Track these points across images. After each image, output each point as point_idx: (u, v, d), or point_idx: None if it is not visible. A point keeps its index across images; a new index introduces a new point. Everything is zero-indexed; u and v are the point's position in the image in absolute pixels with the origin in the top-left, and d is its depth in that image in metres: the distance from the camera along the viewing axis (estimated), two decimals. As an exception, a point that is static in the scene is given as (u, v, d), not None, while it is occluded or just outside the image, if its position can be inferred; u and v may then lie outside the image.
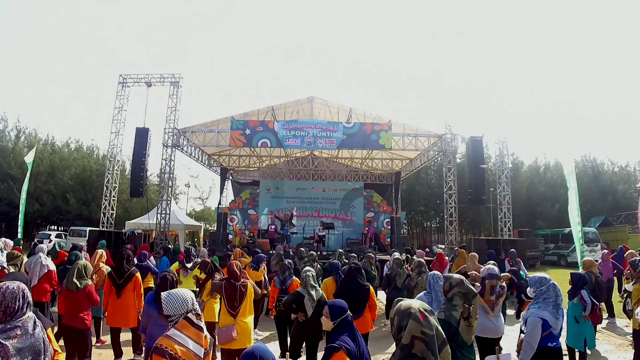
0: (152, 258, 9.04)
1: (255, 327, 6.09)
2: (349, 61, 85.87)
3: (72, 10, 76.44)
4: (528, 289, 3.65)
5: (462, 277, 3.10)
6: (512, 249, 9.45)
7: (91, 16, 75.23)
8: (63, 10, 75.65)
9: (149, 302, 3.98)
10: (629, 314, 5.69)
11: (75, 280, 4.30)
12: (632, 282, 5.36)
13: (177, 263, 7.08)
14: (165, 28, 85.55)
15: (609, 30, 66.31)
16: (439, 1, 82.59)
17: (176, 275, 4.38)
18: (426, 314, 1.59)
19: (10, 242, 7.35)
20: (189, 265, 6.86)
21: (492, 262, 5.54)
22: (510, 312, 8.08)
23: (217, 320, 4.79)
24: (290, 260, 6.14)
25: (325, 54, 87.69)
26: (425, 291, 4.07)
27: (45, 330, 2.38)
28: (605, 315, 7.38)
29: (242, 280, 4.18)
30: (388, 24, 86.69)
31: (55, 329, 4.02)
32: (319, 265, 7.31)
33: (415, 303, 1.64)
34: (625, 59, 63.14)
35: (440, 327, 1.62)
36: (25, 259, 5.97)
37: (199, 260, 6.84)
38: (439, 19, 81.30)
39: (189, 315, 2.20)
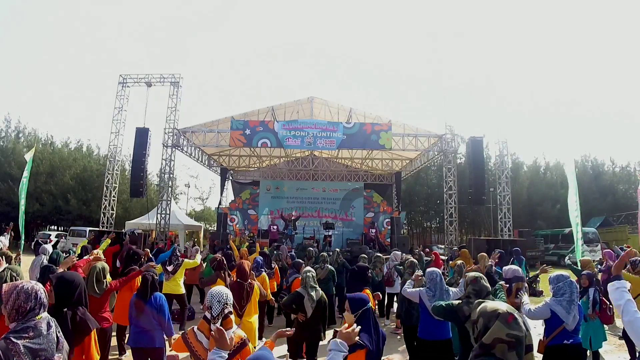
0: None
1: (260, 338, 6.13)
2: (349, 61, 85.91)
3: (72, 10, 76.50)
4: (549, 286, 3.78)
5: (477, 274, 3.13)
6: (515, 248, 9.54)
7: (91, 16, 75.28)
8: (63, 10, 75.72)
9: (130, 304, 4.00)
10: None
11: (95, 286, 4.26)
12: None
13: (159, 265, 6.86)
14: (165, 28, 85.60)
15: (609, 30, 66.35)
16: (439, 1, 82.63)
17: (157, 274, 4.30)
18: (515, 315, 1.51)
19: (4, 240, 7.29)
20: (169, 268, 6.34)
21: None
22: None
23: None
24: (300, 260, 6.25)
25: (325, 54, 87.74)
26: (427, 287, 4.11)
27: (92, 331, 2.71)
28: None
29: (249, 280, 4.30)
30: (388, 24, 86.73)
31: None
32: (330, 267, 7.28)
33: (502, 305, 1.56)
34: (625, 59, 63.18)
35: (530, 332, 1.55)
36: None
37: (182, 261, 6.67)
38: (439, 19, 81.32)
39: (205, 312, 2.34)
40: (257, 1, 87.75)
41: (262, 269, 6.17)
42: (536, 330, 4.87)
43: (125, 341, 5.19)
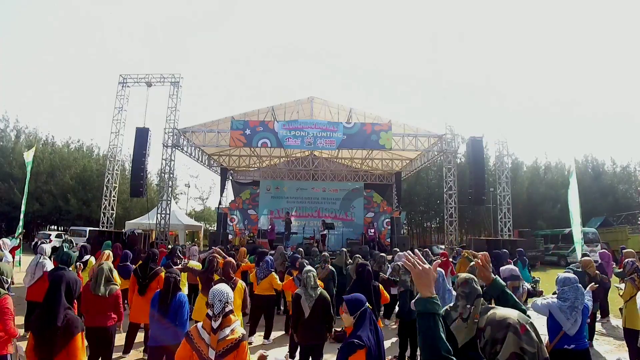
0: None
1: (267, 337, 6.17)
2: (349, 61, 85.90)
3: (72, 10, 76.50)
4: (556, 286, 3.79)
5: (468, 276, 3.04)
6: (519, 249, 9.56)
7: (91, 16, 75.30)
8: (63, 10, 75.73)
9: (152, 303, 3.99)
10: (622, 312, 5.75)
11: (102, 286, 4.27)
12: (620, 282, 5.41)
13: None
14: (165, 28, 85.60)
15: (609, 30, 66.34)
16: (440, 1, 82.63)
17: (179, 275, 4.34)
18: (527, 327, 1.38)
19: (8, 242, 7.28)
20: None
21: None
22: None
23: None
24: (305, 260, 6.29)
25: (325, 54, 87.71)
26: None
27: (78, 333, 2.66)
28: (599, 316, 7.45)
29: (233, 279, 4.49)
30: (388, 24, 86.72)
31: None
32: (331, 267, 7.27)
33: (514, 313, 1.44)
34: (626, 59, 63.15)
35: (542, 343, 1.40)
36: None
37: (185, 262, 6.71)
38: (439, 19, 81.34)
39: (208, 310, 2.47)
40: (257, 1, 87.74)
41: (272, 269, 6.32)
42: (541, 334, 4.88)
43: (144, 341, 5.21)
